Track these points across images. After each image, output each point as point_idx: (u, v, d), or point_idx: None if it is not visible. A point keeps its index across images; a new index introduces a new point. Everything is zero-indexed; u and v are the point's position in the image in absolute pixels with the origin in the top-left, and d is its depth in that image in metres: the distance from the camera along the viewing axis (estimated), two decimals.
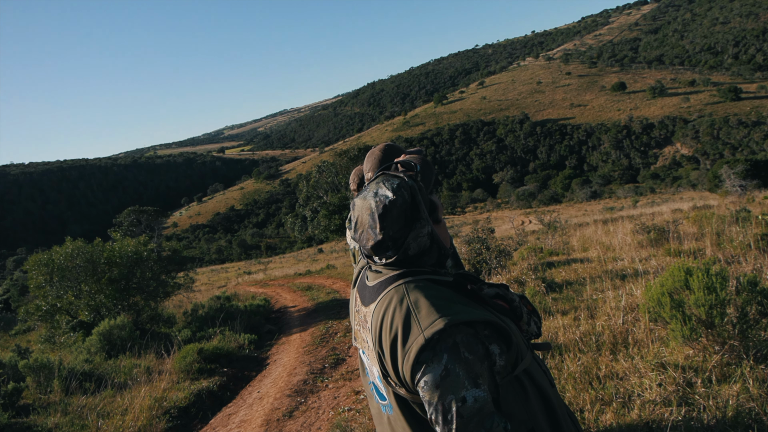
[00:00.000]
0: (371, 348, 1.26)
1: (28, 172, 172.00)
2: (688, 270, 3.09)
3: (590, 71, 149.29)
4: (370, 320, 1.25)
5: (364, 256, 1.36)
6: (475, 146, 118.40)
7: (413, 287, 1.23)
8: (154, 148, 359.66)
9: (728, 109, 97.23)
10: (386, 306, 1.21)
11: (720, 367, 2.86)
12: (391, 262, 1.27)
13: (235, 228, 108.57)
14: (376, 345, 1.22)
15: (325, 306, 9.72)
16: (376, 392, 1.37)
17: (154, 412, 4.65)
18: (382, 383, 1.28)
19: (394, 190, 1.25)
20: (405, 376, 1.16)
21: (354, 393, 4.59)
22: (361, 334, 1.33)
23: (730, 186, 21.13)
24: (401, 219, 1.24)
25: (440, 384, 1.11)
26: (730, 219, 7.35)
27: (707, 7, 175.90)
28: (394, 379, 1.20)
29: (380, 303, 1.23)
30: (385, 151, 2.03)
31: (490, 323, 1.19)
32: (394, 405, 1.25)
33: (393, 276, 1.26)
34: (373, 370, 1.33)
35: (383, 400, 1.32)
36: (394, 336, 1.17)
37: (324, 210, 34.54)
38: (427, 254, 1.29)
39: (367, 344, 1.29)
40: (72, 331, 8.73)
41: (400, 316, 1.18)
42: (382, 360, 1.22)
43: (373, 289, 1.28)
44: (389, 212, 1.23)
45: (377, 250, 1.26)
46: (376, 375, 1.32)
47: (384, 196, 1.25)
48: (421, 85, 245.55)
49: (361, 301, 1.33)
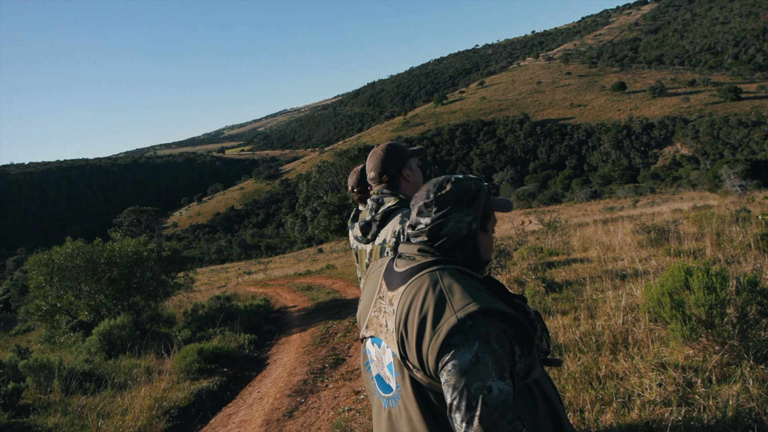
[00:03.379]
0: (391, 331, 1.26)
1: (28, 172, 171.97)
2: (688, 270, 3.09)
3: (590, 71, 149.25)
4: (397, 302, 1.26)
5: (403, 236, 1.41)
6: (475, 146, 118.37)
7: (447, 273, 1.25)
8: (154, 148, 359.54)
9: (728, 109, 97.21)
10: (418, 288, 1.23)
11: (720, 367, 2.86)
12: (424, 233, 1.31)
13: (235, 228, 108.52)
14: (400, 326, 1.22)
15: (325, 306, 9.72)
16: (379, 386, 1.36)
17: (154, 412, 4.64)
18: (394, 369, 1.27)
19: (463, 176, 1.36)
20: (429, 357, 1.16)
21: (354, 393, 4.59)
22: (379, 320, 1.33)
23: (730, 186, 21.13)
24: (457, 195, 1.31)
25: (469, 370, 1.11)
26: (730, 219, 7.35)
27: (707, 7, 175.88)
28: (414, 361, 1.20)
29: (411, 285, 1.25)
30: (387, 150, 2.03)
31: (518, 323, 1.21)
32: (407, 391, 1.24)
33: (426, 262, 1.28)
34: (383, 357, 1.32)
35: (387, 392, 1.32)
36: (423, 316, 1.18)
37: (324, 210, 34.51)
38: (460, 246, 1.31)
39: (386, 328, 1.29)
40: (72, 331, 8.73)
41: (432, 297, 1.19)
42: (403, 341, 1.21)
43: (404, 273, 1.30)
44: (448, 184, 1.33)
45: (420, 211, 1.33)
46: (386, 363, 1.31)
47: (456, 176, 1.36)
48: (421, 85, 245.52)
49: (387, 286, 1.34)
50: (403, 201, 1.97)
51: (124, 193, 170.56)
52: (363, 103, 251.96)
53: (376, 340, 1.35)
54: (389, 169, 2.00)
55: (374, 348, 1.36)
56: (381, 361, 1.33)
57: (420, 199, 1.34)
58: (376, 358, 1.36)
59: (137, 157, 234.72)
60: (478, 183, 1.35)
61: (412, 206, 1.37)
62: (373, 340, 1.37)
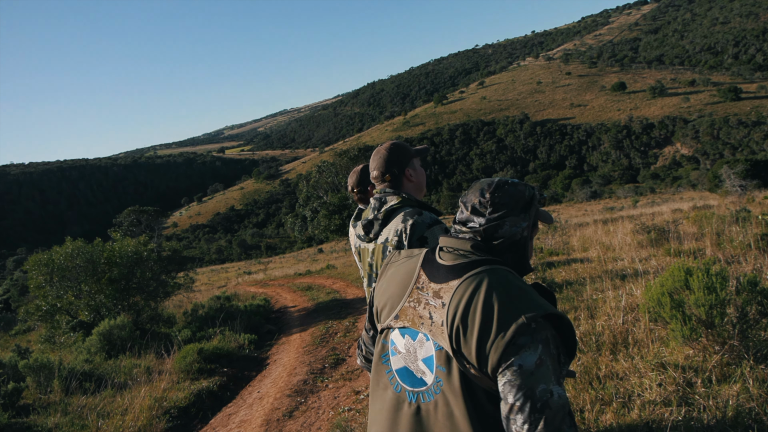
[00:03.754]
0: (438, 324, 1.24)
1: (28, 172, 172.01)
2: (688, 270, 3.09)
3: (590, 71, 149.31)
4: (449, 296, 1.23)
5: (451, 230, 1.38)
6: (475, 146, 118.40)
7: (507, 272, 1.25)
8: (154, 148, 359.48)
9: (728, 109, 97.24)
10: (478, 283, 1.21)
11: (720, 367, 2.86)
12: (478, 233, 1.30)
13: (235, 228, 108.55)
14: (455, 320, 1.20)
15: (325, 306, 9.72)
16: (402, 379, 1.32)
17: (154, 412, 4.64)
18: (436, 363, 1.24)
19: (518, 181, 1.36)
20: (491, 355, 1.14)
21: (354, 393, 4.59)
22: (418, 311, 1.30)
23: (730, 186, 21.13)
24: (513, 198, 1.31)
25: (534, 372, 1.11)
26: (730, 219, 7.35)
27: (707, 7, 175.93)
28: (471, 357, 1.18)
29: (469, 280, 1.23)
30: (390, 150, 2.03)
31: (568, 332, 1.21)
32: (453, 386, 1.21)
33: (482, 260, 1.27)
34: (419, 350, 1.28)
35: (415, 386, 1.28)
36: (487, 313, 1.16)
37: (324, 210, 34.53)
38: (511, 250, 1.31)
39: (429, 320, 1.26)
40: (72, 331, 8.73)
41: (497, 295, 1.18)
42: (459, 335, 1.19)
43: (456, 267, 1.27)
44: (506, 186, 1.32)
45: (475, 208, 1.31)
46: (422, 355, 1.27)
47: (511, 179, 1.36)
48: (421, 85, 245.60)
49: (429, 277, 1.31)
50: (405, 200, 1.97)
51: (124, 193, 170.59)
52: (363, 103, 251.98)
53: (410, 331, 1.31)
54: (392, 168, 2.00)
55: (404, 339, 1.32)
56: (413, 354, 1.30)
57: (473, 197, 1.33)
58: (404, 350, 1.31)
59: (137, 157, 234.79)
60: (532, 190, 1.36)
61: (463, 202, 1.36)
62: (403, 331, 1.33)
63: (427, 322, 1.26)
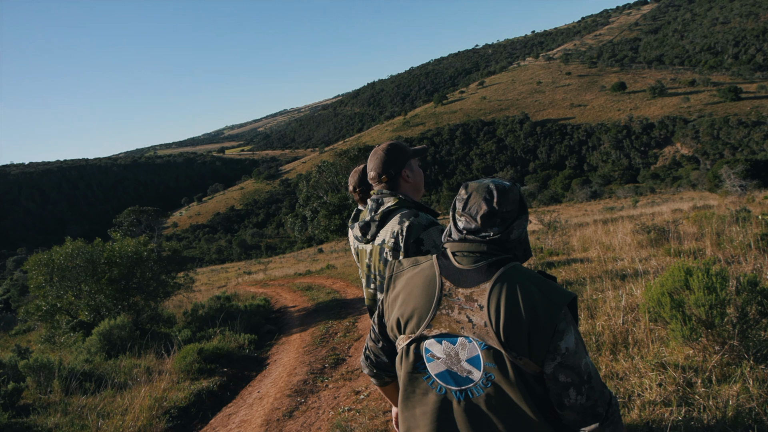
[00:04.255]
0: (480, 325, 1.32)
1: (28, 172, 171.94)
2: (688, 270, 3.09)
3: (590, 71, 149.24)
4: (485, 297, 1.33)
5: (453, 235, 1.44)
6: (475, 146, 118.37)
7: (527, 269, 1.38)
8: (154, 148, 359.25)
9: (728, 109, 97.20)
10: (510, 282, 1.33)
11: (720, 367, 2.86)
12: (492, 240, 1.38)
13: (235, 228, 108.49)
14: (500, 318, 1.30)
15: (325, 306, 9.72)
16: (443, 381, 1.38)
17: (154, 412, 4.65)
18: (483, 360, 1.32)
19: (510, 183, 1.44)
20: (539, 343, 1.28)
21: (354, 393, 4.59)
22: (454, 317, 1.36)
23: (730, 186, 21.14)
24: (514, 203, 1.41)
25: (576, 350, 1.29)
26: (730, 219, 7.35)
27: (707, 7, 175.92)
28: (521, 349, 1.29)
29: (500, 280, 1.33)
30: (387, 150, 2.03)
31: (576, 313, 1.40)
32: (508, 378, 1.30)
33: (503, 258, 1.38)
34: (461, 352, 1.35)
35: (461, 385, 1.35)
36: (531, 308, 1.29)
37: (324, 210, 34.54)
38: (520, 247, 1.43)
39: (469, 323, 1.34)
40: (72, 331, 8.73)
41: (532, 290, 1.31)
42: (506, 332, 1.29)
43: (481, 269, 1.36)
44: (506, 193, 1.40)
45: (486, 220, 1.38)
46: (465, 357, 1.34)
47: (502, 182, 1.44)
48: (421, 85, 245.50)
49: (455, 283, 1.38)
50: (402, 201, 1.97)
51: (124, 193, 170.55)
52: (363, 103, 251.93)
53: (447, 337, 1.37)
54: (389, 169, 2.00)
55: (442, 346, 1.38)
56: (455, 357, 1.36)
57: (479, 207, 1.39)
58: (444, 355, 1.38)
59: (137, 157, 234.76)
60: (519, 187, 1.45)
61: (468, 213, 1.41)
62: (439, 339, 1.39)
63: (468, 326, 1.35)
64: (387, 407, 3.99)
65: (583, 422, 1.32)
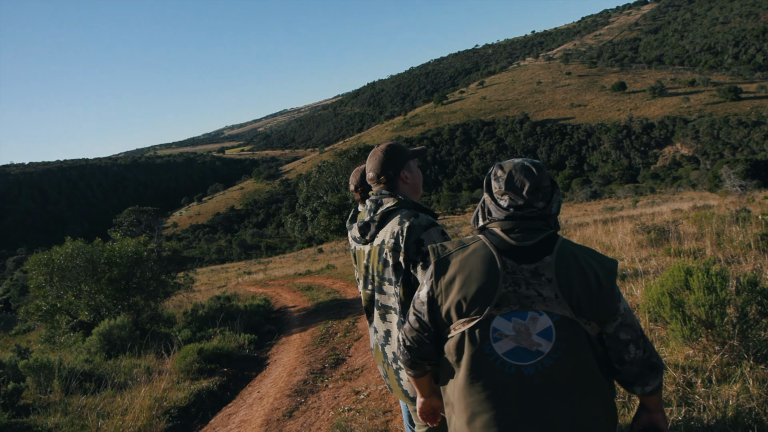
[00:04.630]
0: (550, 297, 1.39)
1: (28, 172, 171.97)
2: (688, 270, 3.09)
3: (590, 71, 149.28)
4: (551, 270, 1.40)
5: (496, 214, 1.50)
6: (475, 146, 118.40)
7: (570, 240, 1.50)
8: (154, 148, 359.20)
9: (728, 109, 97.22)
10: (569, 254, 1.42)
11: (720, 367, 2.86)
12: (539, 214, 1.47)
13: (235, 228, 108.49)
14: (570, 288, 1.38)
15: (325, 306, 9.72)
16: (513, 359, 1.40)
17: (154, 412, 4.65)
18: (555, 331, 1.38)
19: (539, 161, 1.52)
20: (604, 307, 1.40)
21: (354, 393, 4.59)
22: (523, 292, 1.40)
23: (730, 186, 21.14)
24: (549, 178, 1.50)
25: (628, 308, 1.45)
26: (730, 219, 7.34)
27: (707, 7, 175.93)
28: (590, 314, 1.39)
29: (562, 252, 1.42)
30: (386, 151, 2.03)
31: None
32: (580, 342, 1.39)
33: (552, 233, 1.48)
34: (531, 327, 1.39)
35: (530, 360, 1.39)
36: (594, 275, 1.40)
37: (324, 210, 34.51)
38: (557, 217, 1.53)
39: (540, 297, 1.39)
40: (72, 331, 8.73)
41: (590, 259, 1.43)
42: (578, 301, 1.38)
43: (538, 245, 1.44)
44: (542, 168, 1.50)
45: (532, 195, 1.46)
46: (537, 330, 1.39)
47: (532, 160, 1.52)
48: (421, 85, 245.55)
49: (515, 260, 1.43)
50: (401, 202, 1.97)
51: (124, 193, 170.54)
52: (363, 103, 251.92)
53: (517, 313, 1.40)
54: (388, 170, 2.01)
55: (510, 323, 1.41)
56: (525, 332, 1.40)
57: (523, 183, 1.47)
58: (514, 332, 1.40)
59: (137, 157, 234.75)
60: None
61: (512, 190, 1.48)
62: (509, 316, 1.41)
63: (538, 300, 1.39)
64: (387, 407, 3.99)
65: (640, 374, 1.45)
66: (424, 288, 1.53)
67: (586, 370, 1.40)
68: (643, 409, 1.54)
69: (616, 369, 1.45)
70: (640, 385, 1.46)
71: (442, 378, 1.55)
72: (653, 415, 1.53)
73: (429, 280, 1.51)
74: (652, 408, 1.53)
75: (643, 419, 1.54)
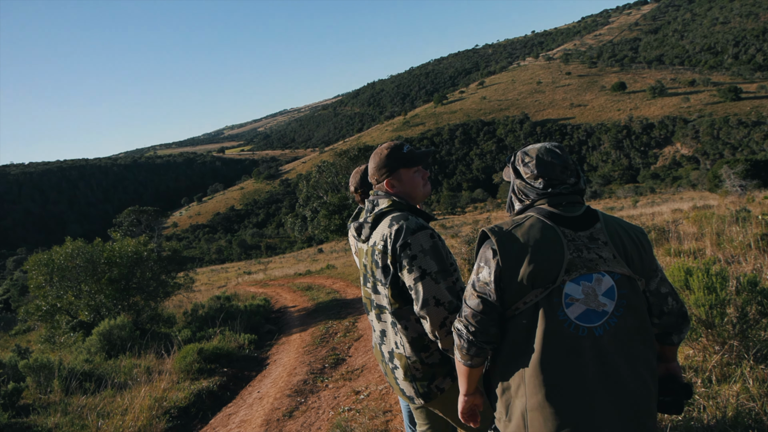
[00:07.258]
0: (609, 258, 1.51)
1: (28, 172, 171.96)
2: (688, 270, 3.09)
3: (590, 71, 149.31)
4: (604, 234, 1.54)
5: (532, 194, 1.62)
6: (475, 146, 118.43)
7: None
8: (154, 148, 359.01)
9: (728, 109, 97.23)
10: (610, 218, 1.60)
11: (720, 367, 2.86)
12: (573, 189, 1.61)
13: (235, 228, 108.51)
14: (625, 248, 1.53)
15: (325, 306, 9.72)
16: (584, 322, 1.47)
17: (154, 412, 4.64)
18: (617, 289, 1.49)
19: (557, 142, 1.69)
20: (649, 263, 1.56)
21: (354, 393, 4.59)
22: (586, 256, 1.51)
23: (730, 186, 21.11)
24: (571, 158, 1.66)
25: (660, 265, 1.63)
26: (730, 219, 7.34)
27: (707, 7, 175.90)
28: (641, 271, 1.54)
29: (605, 218, 1.58)
30: (390, 150, 2.03)
31: None
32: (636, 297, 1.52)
33: (588, 206, 1.62)
34: (597, 288, 1.49)
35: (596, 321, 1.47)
36: (637, 237, 1.57)
37: (324, 210, 34.52)
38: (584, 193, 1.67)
39: (601, 259, 1.50)
40: (72, 331, 8.73)
41: (626, 223, 1.61)
42: (632, 259, 1.53)
43: (585, 215, 1.58)
44: (564, 148, 1.66)
45: (563, 172, 1.61)
46: (602, 291, 1.49)
47: (554, 142, 1.68)
48: (421, 85, 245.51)
49: (572, 229, 1.54)
50: (396, 204, 1.96)
51: (124, 193, 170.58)
52: (363, 103, 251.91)
53: (585, 277, 1.49)
54: (379, 175, 2.01)
55: (580, 287, 1.48)
56: (593, 294, 1.48)
57: (553, 166, 1.61)
58: (583, 295, 1.48)
59: (137, 157, 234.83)
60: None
61: (542, 173, 1.61)
62: (578, 280, 1.48)
63: (600, 261, 1.50)
64: (387, 407, 3.99)
65: (676, 323, 1.59)
66: (485, 269, 1.54)
67: (644, 324, 1.52)
68: (660, 360, 1.65)
69: (655, 322, 1.58)
70: (677, 333, 1.61)
71: (502, 362, 1.55)
72: (670, 365, 1.66)
73: (494, 258, 1.53)
74: (671, 357, 1.66)
75: (661, 369, 1.65)
